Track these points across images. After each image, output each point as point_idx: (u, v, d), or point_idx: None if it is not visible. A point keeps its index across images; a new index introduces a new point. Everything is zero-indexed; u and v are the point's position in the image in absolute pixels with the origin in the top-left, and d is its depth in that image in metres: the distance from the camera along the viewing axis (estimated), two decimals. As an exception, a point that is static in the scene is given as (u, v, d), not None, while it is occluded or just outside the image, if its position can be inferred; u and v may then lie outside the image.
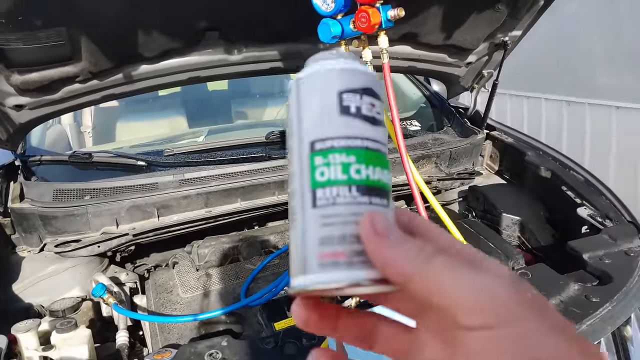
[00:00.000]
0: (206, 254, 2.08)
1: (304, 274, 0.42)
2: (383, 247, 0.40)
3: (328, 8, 1.44)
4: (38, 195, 1.98)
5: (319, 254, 0.42)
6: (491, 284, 0.37)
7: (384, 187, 0.44)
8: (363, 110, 0.44)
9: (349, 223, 0.42)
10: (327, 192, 0.42)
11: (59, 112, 2.01)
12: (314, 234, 0.42)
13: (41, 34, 1.56)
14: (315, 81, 0.46)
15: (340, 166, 0.43)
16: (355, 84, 0.45)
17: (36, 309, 1.83)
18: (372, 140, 0.44)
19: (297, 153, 0.45)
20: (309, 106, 0.45)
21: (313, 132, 0.44)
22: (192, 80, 2.09)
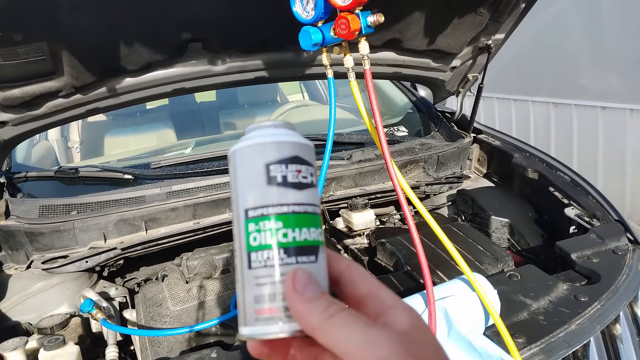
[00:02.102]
0: (195, 265, 2.07)
1: (245, 325, 0.49)
2: (298, 302, 0.47)
3: (308, 16, 1.43)
4: (24, 212, 1.97)
5: (254, 310, 0.49)
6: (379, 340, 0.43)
7: (311, 245, 0.50)
8: (289, 178, 0.50)
9: (277, 282, 0.48)
10: (259, 256, 0.49)
11: (44, 128, 2.00)
12: (250, 292, 0.49)
13: (21, 49, 1.55)
14: (247, 153, 0.51)
15: (269, 232, 0.49)
16: (282, 155, 0.51)
17: (24, 326, 1.81)
18: (298, 205, 0.50)
19: (236, 218, 0.51)
20: (242, 176, 0.51)
21: (246, 201, 0.50)
22: (177, 91, 2.09)
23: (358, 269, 0.53)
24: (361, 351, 0.43)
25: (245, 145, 0.52)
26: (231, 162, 0.53)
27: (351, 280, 0.52)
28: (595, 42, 4.59)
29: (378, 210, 2.46)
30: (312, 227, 0.50)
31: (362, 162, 2.40)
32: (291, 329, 0.48)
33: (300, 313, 0.47)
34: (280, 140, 0.52)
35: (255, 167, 0.50)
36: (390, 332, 0.44)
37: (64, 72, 1.71)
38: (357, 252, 2.21)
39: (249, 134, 0.53)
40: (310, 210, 0.51)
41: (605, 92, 4.57)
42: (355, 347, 0.43)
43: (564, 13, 4.72)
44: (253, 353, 0.52)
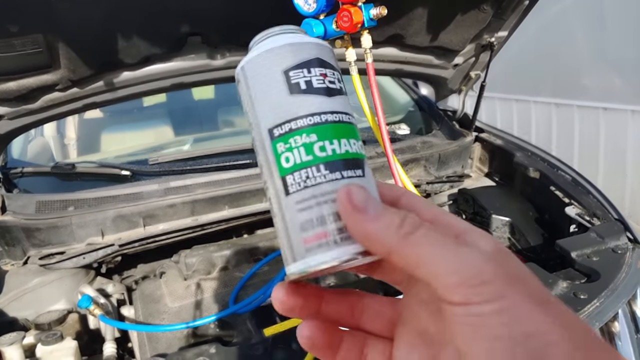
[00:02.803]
0: (194, 263, 2.05)
1: (294, 261, 0.42)
2: (362, 221, 0.39)
3: (310, 8, 1.42)
4: (20, 208, 1.95)
5: (302, 239, 0.41)
6: (472, 259, 0.36)
7: (354, 157, 0.42)
8: (314, 83, 0.43)
9: (325, 203, 0.41)
10: (296, 177, 0.41)
11: (40, 122, 1.98)
12: (294, 221, 0.41)
13: (17, 41, 1.52)
14: (259, 65, 0.44)
15: (303, 148, 0.42)
16: (301, 58, 0.43)
17: (21, 322, 1.79)
18: (330, 113, 0.43)
19: (260, 143, 0.44)
20: (259, 93, 0.44)
21: (269, 119, 0.43)
22: (176, 86, 2.07)
23: (416, 196, 0.46)
24: (455, 275, 0.36)
25: (253, 55, 0.45)
26: (241, 82, 0.47)
27: (411, 205, 0.45)
28: (597, 42, 4.58)
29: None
30: (352, 139, 0.43)
31: (363, 160, 2.38)
32: (353, 251, 0.40)
33: (367, 233, 0.39)
34: (294, 42, 0.44)
35: (272, 77, 0.43)
36: (482, 252, 0.37)
37: (61, 65, 1.69)
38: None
39: (255, 46, 0.46)
40: (345, 120, 0.44)
41: (607, 93, 4.55)
42: (446, 268, 0.36)
43: (566, 13, 4.71)
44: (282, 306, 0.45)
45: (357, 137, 0.44)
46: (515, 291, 0.35)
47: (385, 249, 0.38)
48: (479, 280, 0.35)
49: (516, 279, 0.36)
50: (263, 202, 2.19)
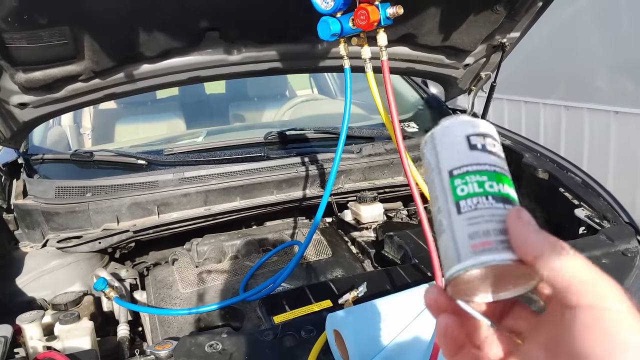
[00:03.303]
0: (205, 251, 2.11)
1: (459, 262, 0.53)
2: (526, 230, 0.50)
3: (327, 6, 1.46)
4: (41, 192, 2.01)
5: (470, 245, 0.52)
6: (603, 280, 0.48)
7: (513, 199, 0.55)
8: (487, 146, 0.57)
9: (490, 221, 0.53)
10: (468, 202, 0.54)
11: (62, 111, 2.04)
12: (463, 232, 0.53)
13: (44, 32, 1.58)
14: (447, 129, 0.59)
15: (476, 183, 0.55)
16: (478, 130, 0.58)
17: (39, 302, 1.86)
18: (497, 166, 0.56)
19: (438, 181, 0.57)
20: (444, 147, 0.58)
21: (450, 164, 0.57)
22: (192, 80, 2.12)
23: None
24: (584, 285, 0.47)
25: (445, 124, 0.59)
26: (429, 143, 0.60)
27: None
28: (610, 45, 4.55)
29: (386, 205, 2.48)
30: (511, 187, 0.56)
31: (372, 156, 2.42)
32: (510, 257, 0.51)
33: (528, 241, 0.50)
34: (472, 120, 0.59)
35: (457, 139, 0.58)
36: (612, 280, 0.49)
37: (85, 56, 1.75)
38: (364, 245, 2.24)
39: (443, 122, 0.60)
40: (506, 174, 0.56)
41: (618, 97, 4.52)
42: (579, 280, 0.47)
43: (579, 15, 4.68)
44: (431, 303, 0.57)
45: (513, 187, 0.57)
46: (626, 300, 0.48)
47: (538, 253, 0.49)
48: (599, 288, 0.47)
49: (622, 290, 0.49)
50: (273, 194, 2.24)
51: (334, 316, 1.37)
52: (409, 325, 1.40)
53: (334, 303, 1.67)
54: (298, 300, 1.70)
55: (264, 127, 3.02)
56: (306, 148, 2.46)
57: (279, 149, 2.44)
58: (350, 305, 1.59)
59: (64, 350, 1.54)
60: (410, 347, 1.35)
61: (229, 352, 1.40)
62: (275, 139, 2.49)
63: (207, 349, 1.41)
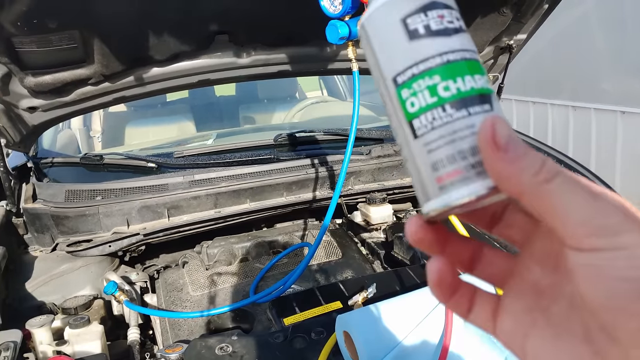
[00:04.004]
0: (215, 253, 2.11)
1: (429, 200, 0.43)
2: (500, 160, 0.39)
3: (336, 10, 1.47)
4: (50, 196, 2.02)
5: (435, 179, 0.42)
6: (607, 210, 0.37)
7: (480, 93, 0.42)
8: (432, 26, 0.43)
9: (453, 141, 0.42)
10: (422, 120, 0.42)
11: (71, 114, 2.05)
12: (424, 162, 0.43)
13: (54, 36, 1.59)
14: (377, 19, 0.45)
15: (427, 90, 0.42)
16: (417, 4, 0.43)
17: (48, 306, 1.86)
18: (451, 52, 0.43)
19: (386, 93, 0.45)
20: (380, 44, 0.45)
21: (391, 68, 0.44)
22: (202, 83, 2.13)
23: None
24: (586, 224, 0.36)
25: (371, 10, 0.46)
26: (363, 39, 0.47)
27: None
28: (617, 46, 4.56)
29: (395, 206, 2.48)
30: (477, 74, 0.43)
31: (381, 157, 2.42)
32: (486, 186, 0.41)
33: (503, 174, 0.39)
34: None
35: (391, 28, 0.44)
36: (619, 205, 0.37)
37: (95, 60, 1.76)
38: (374, 246, 2.24)
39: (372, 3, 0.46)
40: (468, 57, 0.43)
41: (625, 97, 4.53)
42: (576, 218, 0.36)
43: (586, 16, 4.69)
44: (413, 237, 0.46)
45: (482, 72, 0.44)
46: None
47: (518, 191, 0.39)
48: (611, 232, 0.36)
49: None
50: (283, 196, 2.24)
51: (344, 317, 1.38)
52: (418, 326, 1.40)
53: (344, 304, 1.67)
54: (308, 301, 1.71)
55: (274, 129, 3.02)
56: (316, 150, 2.46)
57: (289, 151, 2.45)
58: (360, 307, 1.60)
59: (74, 355, 1.55)
60: (419, 348, 1.35)
61: (239, 354, 1.41)
62: (285, 141, 2.50)
63: (217, 351, 1.42)
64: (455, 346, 1.34)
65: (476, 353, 1.38)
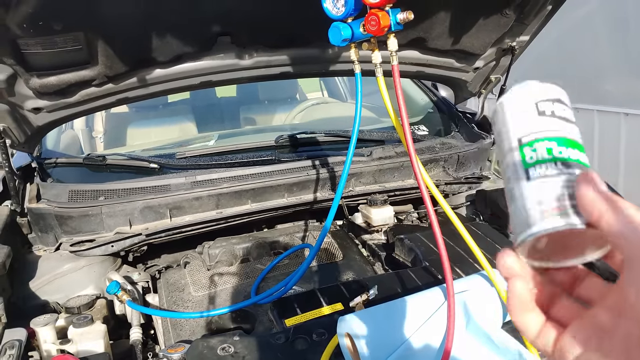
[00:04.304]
0: (217, 254, 2.12)
1: (530, 227, 0.53)
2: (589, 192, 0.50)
3: (338, 12, 1.47)
4: (54, 196, 2.03)
5: (540, 210, 0.53)
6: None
7: (582, 165, 0.54)
8: (556, 112, 0.57)
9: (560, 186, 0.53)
10: (537, 169, 0.54)
11: (75, 115, 2.06)
12: (533, 198, 0.54)
13: (59, 38, 1.60)
14: (515, 97, 0.59)
15: (545, 150, 0.54)
16: (548, 95, 0.58)
17: (52, 306, 1.87)
18: (567, 132, 0.56)
19: (508, 150, 0.57)
20: (513, 115, 0.58)
21: (518, 132, 0.57)
22: (204, 84, 2.14)
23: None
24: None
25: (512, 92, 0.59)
26: (499, 111, 0.60)
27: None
28: (621, 48, 4.55)
29: (396, 208, 2.49)
30: (581, 152, 0.55)
31: (383, 159, 2.43)
32: (578, 221, 0.51)
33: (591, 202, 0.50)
34: (541, 85, 0.59)
35: (525, 106, 0.57)
36: None
37: (99, 61, 1.77)
38: (375, 248, 2.25)
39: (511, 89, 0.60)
40: (577, 139, 0.56)
41: (628, 99, 4.53)
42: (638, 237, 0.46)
43: (589, 18, 4.69)
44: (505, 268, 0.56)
45: (584, 152, 0.56)
46: None
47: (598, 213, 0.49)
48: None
49: None
50: (284, 197, 2.25)
51: (346, 319, 1.38)
52: (420, 328, 1.41)
53: (345, 306, 1.68)
54: (309, 303, 1.71)
55: (275, 130, 3.03)
56: (317, 151, 2.47)
57: (290, 152, 2.45)
58: (361, 308, 1.60)
59: (78, 354, 1.56)
60: (421, 350, 1.36)
61: (241, 355, 1.42)
62: (286, 142, 2.50)
63: (219, 352, 1.42)
64: (457, 349, 1.35)
65: (478, 356, 1.38)
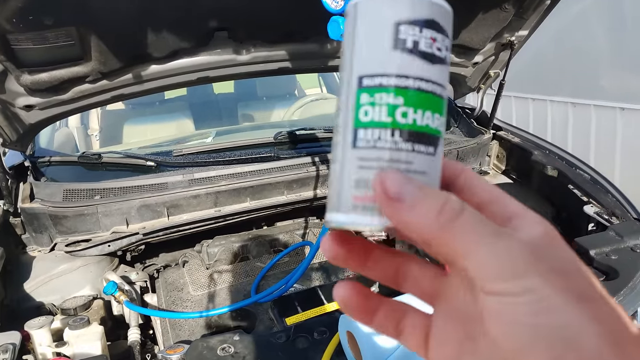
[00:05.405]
0: (216, 252, 2.09)
1: (337, 212, 0.41)
2: (398, 211, 0.37)
3: (337, 6, 1.45)
4: (48, 195, 1.99)
5: (352, 195, 0.40)
6: (509, 251, 0.35)
7: (432, 133, 0.41)
8: (421, 45, 0.40)
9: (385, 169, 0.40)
10: (368, 134, 0.40)
11: (69, 113, 2.03)
12: (350, 174, 0.41)
13: (50, 33, 1.57)
14: (372, 8, 0.41)
15: (385, 107, 0.40)
16: (417, 14, 0.40)
17: (48, 307, 1.84)
18: (426, 81, 0.40)
19: (346, 86, 0.42)
20: (363, 36, 0.42)
21: (363, 66, 0.41)
22: (201, 80, 2.11)
23: (475, 175, 0.44)
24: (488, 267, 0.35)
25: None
26: (350, 17, 0.43)
27: (468, 185, 0.43)
28: (617, 43, 4.55)
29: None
30: (437, 113, 0.41)
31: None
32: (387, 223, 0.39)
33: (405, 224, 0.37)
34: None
35: (382, 25, 0.40)
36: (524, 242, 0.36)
37: (92, 57, 1.73)
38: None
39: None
40: (437, 92, 0.41)
41: (625, 93, 4.53)
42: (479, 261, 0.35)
43: (586, 13, 4.68)
44: (328, 255, 0.44)
45: (443, 113, 0.42)
46: (550, 285, 0.34)
47: (423, 239, 0.37)
48: (511, 274, 0.34)
49: (556, 271, 0.35)
50: (284, 194, 2.22)
51: (347, 317, 1.36)
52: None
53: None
54: (310, 301, 1.69)
55: (274, 126, 3.01)
56: (316, 147, 2.44)
57: (289, 149, 2.42)
58: (363, 307, 1.58)
59: (74, 356, 1.52)
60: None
61: (241, 355, 1.39)
62: (285, 138, 2.47)
63: (219, 352, 1.40)
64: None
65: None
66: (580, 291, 0.35)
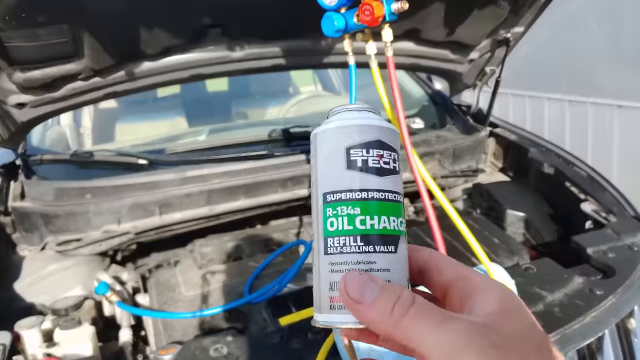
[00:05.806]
0: (209, 252, 2.07)
1: (320, 312, 0.49)
2: (359, 311, 0.45)
3: (332, 2, 1.43)
4: (39, 194, 1.97)
5: (328, 297, 0.48)
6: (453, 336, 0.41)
7: (390, 234, 0.48)
8: (369, 163, 0.49)
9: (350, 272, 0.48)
10: (335, 241, 0.48)
11: (61, 110, 2.00)
12: (325, 278, 0.49)
13: (43, 31, 1.54)
14: (327, 137, 0.51)
15: (346, 217, 0.48)
16: (363, 138, 0.50)
17: (38, 307, 1.82)
18: (377, 191, 0.49)
19: (315, 202, 0.51)
20: (322, 160, 0.51)
21: (325, 185, 0.50)
22: (194, 77, 2.08)
23: (442, 256, 0.52)
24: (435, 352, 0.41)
25: (326, 128, 0.52)
26: (312, 145, 0.53)
27: (436, 267, 0.51)
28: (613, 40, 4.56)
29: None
30: (392, 216, 0.49)
31: (377, 153, 2.39)
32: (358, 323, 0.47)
33: (365, 321, 0.45)
34: (362, 124, 0.50)
35: (336, 151, 0.50)
36: (469, 323, 0.42)
37: (85, 54, 1.71)
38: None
39: (332, 117, 0.53)
40: (390, 198, 0.49)
41: (621, 91, 4.53)
42: (428, 347, 0.42)
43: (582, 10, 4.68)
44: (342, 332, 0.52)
45: (400, 215, 0.50)
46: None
47: (384, 333, 0.45)
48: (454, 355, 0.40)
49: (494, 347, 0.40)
50: (278, 193, 2.20)
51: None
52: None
53: (342, 304, 1.64)
54: (304, 301, 1.68)
55: (268, 124, 2.97)
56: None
57: (284, 147, 2.40)
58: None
59: (65, 357, 1.50)
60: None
61: (234, 355, 1.38)
62: (279, 136, 2.45)
63: (212, 352, 1.39)
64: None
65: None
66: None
